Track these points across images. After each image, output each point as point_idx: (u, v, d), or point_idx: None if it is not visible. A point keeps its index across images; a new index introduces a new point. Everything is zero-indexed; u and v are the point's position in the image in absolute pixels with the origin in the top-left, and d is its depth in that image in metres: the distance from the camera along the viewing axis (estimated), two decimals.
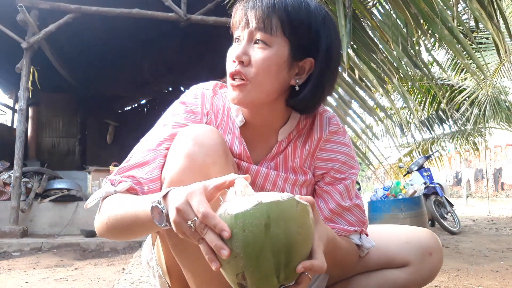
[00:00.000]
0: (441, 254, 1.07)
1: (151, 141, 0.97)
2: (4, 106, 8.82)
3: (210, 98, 1.03)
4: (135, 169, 0.93)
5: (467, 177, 15.28)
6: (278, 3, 0.90)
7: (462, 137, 8.27)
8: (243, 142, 1.01)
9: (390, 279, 1.05)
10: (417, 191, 5.02)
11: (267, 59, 0.91)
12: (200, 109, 1.02)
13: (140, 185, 0.91)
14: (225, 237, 0.65)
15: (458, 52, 2.38)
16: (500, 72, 6.50)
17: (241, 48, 0.91)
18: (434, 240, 1.08)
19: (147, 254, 1.11)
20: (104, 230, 0.90)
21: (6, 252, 3.93)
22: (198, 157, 0.84)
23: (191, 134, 0.88)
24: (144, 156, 0.94)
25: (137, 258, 3.13)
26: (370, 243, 1.05)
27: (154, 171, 0.92)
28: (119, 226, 0.86)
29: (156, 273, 1.06)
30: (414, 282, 1.05)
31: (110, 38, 6.55)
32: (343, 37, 2.17)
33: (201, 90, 1.05)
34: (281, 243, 0.66)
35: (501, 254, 3.35)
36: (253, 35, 0.91)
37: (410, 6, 2.24)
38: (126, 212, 0.84)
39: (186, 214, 0.67)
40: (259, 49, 0.91)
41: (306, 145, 1.05)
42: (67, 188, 5.29)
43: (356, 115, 3.25)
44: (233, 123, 1.02)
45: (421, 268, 1.04)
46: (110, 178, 0.94)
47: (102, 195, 0.92)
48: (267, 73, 0.91)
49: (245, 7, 0.92)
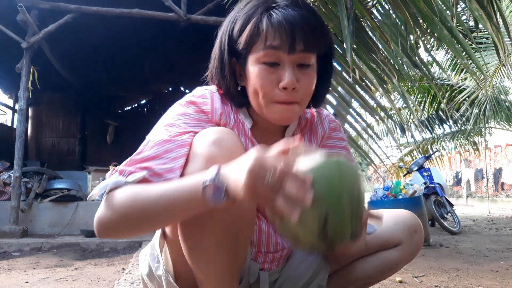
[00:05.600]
0: (422, 230, 1.15)
1: (164, 135, 0.90)
2: (4, 106, 8.82)
3: (219, 100, 0.99)
4: (150, 161, 0.86)
5: (467, 177, 15.29)
6: (310, 18, 0.89)
7: (462, 137, 8.27)
8: (256, 144, 1.01)
9: (387, 259, 1.11)
10: (417, 191, 5.02)
11: (313, 80, 0.94)
12: (210, 109, 0.97)
13: (157, 176, 0.85)
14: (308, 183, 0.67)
15: (457, 52, 2.38)
16: (500, 72, 6.50)
17: (293, 76, 0.89)
18: (415, 219, 1.15)
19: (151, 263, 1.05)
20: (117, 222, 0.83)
21: (6, 252, 3.93)
22: (220, 159, 0.81)
23: (212, 136, 0.85)
24: (159, 148, 0.88)
25: (137, 258, 3.13)
26: (372, 228, 1.07)
27: (177, 160, 0.86)
28: (148, 212, 0.80)
29: (164, 281, 1.01)
30: (404, 259, 1.13)
31: (110, 38, 6.55)
32: (347, 37, 2.17)
33: (209, 91, 1.00)
34: (353, 191, 0.72)
35: (501, 254, 3.35)
36: (300, 58, 0.90)
37: (410, 6, 2.24)
38: (161, 195, 0.79)
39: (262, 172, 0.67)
40: (306, 72, 0.91)
41: (312, 143, 1.08)
42: (67, 188, 5.29)
43: (356, 113, 3.25)
44: (243, 125, 1.01)
45: (410, 245, 1.12)
46: (119, 168, 0.87)
47: (110, 186, 0.84)
48: (311, 92, 0.95)
49: (286, 24, 0.87)
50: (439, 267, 2.73)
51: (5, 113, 9.96)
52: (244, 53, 0.92)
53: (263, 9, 0.90)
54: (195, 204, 0.76)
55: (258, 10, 0.90)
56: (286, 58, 0.89)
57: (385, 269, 1.13)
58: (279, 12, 0.88)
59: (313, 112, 1.10)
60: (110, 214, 0.83)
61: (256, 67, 0.90)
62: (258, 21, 0.89)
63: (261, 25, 0.89)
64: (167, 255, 1.01)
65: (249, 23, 0.90)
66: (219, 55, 0.97)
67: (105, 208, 0.84)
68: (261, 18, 0.89)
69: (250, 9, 0.92)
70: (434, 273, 2.55)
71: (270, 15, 0.88)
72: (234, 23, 0.94)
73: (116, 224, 0.83)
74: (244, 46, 0.91)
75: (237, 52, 0.94)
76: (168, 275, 1.00)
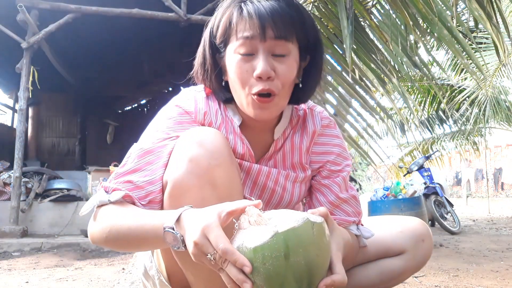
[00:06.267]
0: (432, 240, 1.13)
1: (147, 145, 0.93)
2: (4, 106, 8.83)
3: (204, 99, 1.01)
4: (132, 174, 0.90)
5: (467, 177, 15.28)
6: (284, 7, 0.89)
7: (462, 137, 8.27)
8: (246, 141, 1.01)
9: (388, 267, 1.09)
10: (417, 191, 5.02)
11: (290, 69, 0.91)
12: (194, 109, 0.99)
13: (139, 189, 0.88)
14: (246, 272, 0.66)
15: (457, 52, 2.38)
16: (500, 72, 6.50)
17: (266, 64, 0.87)
18: (425, 228, 1.13)
19: (145, 263, 1.09)
20: (102, 240, 0.88)
21: (6, 252, 3.93)
22: (203, 160, 0.83)
23: (195, 137, 0.86)
24: (140, 160, 0.91)
25: (137, 258, 3.13)
26: (369, 232, 1.07)
27: (156, 171, 0.89)
28: (122, 241, 0.85)
29: (157, 281, 1.03)
30: (410, 268, 1.11)
31: (110, 38, 6.55)
32: (346, 37, 2.17)
33: (193, 92, 1.03)
34: (302, 269, 0.68)
35: (501, 254, 3.35)
36: (274, 46, 0.88)
37: (409, 6, 2.24)
38: (132, 228, 0.82)
39: (204, 247, 0.68)
40: (282, 60, 0.90)
41: (303, 141, 1.06)
42: (67, 188, 5.29)
43: (357, 113, 3.25)
44: (232, 123, 1.01)
45: (416, 254, 1.10)
46: (104, 185, 0.91)
47: (96, 204, 0.89)
48: (291, 83, 0.93)
49: (255, 14, 0.87)
50: (439, 267, 2.73)
51: (5, 113, 9.98)
52: (222, 47, 0.94)
53: (237, 2, 0.92)
54: (160, 243, 0.79)
55: (232, 4, 0.92)
56: (260, 47, 0.88)
57: (387, 278, 1.10)
58: (250, 3, 0.90)
59: (306, 109, 1.09)
60: (96, 231, 0.89)
61: (232, 58, 0.91)
62: (231, 14, 0.91)
63: (233, 16, 0.91)
64: (159, 256, 1.02)
65: (223, 17, 0.92)
66: (202, 51, 0.99)
67: (93, 223, 0.90)
68: (233, 10, 0.91)
69: (227, 5, 0.94)
70: (434, 273, 2.55)
71: (241, 8, 0.90)
72: (214, 19, 0.96)
73: (102, 241, 0.89)
74: (221, 39, 0.93)
75: (217, 47, 0.95)
76: (160, 275, 1.02)
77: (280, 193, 1.04)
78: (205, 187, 0.83)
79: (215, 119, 1.00)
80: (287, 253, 0.66)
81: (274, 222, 0.70)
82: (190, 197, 0.81)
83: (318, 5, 2.91)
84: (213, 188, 0.83)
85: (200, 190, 0.82)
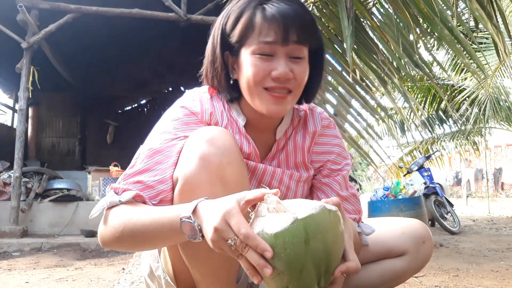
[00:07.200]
0: (432, 242, 1.15)
1: (155, 145, 0.93)
2: (4, 106, 8.82)
3: (208, 100, 1.02)
4: (141, 174, 0.90)
5: (467, 177, 15.27)
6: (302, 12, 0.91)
7: (462, 137, 8.27)
8: (251, 141, 1.02)
9: (390, 268, 1.11)
10: (417, 191, 5.02)
11: (305, 71, 0.94)
12: (200, 110, 0.99)
13: (149, 189, 0.89)
14: (268, 257, 0.67)
15: (458, 52, 2.38)
16: (500, 72, 6.50)
17: (286, 66, 0.90)
18: (426, 230, 1.15)
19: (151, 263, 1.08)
20: (115, 240, 0.87)
21: (6, 252, 3.93)
22: (214, 158, 0.84)
23: (205, 136, 0.87)
24: (150, 160, 0.91)
25: (137, 258, 3.13)
26: (370, 228, 1.08)
27: (166, 170, 0.90)
28: (136, 237, 0.84)
29: (163, 281, 1.03)
30: (410, 269, 1.12)
31: (110, 38, 6.55)
32: (347, 38, 2.17)
33: (198, 93, 1.03)
34: (320, 255, 0.70)
35: (501, 254, 3.35)
36: (293, 50, 0.91)
37: (410, 6, 2.24)
38: (146, 224, 0.82)
39: (225, 233, 0.68)
40: (299, 62, 0.92)
41: (305, 141, 1.08)
42: (67, 188, 5.29)
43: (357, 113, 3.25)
44: (237, 123, 1.02)
45: (417, 256, 1.11)
46: (114, 186, 0.91)
47: (106, 205, 0.89)
48: (304, 83, 0.95)
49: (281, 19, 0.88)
50: (439, 267, 2.73)
51: (5, 113, 9.98)
52: (237, 46, 0.94)
53: (256, 3, 0.92)
54: (177, 237, 0.79)
55: (251, 4, 0.92)
56: (280, 50, 0.90)
57: (389, 278, 1.12)
58: (272, 5, 0.90)
59: (307, 109, 1.11)
60: (108, 232, 0.88)
61: (249, 57, 0.91)
62: (252, 14, 0.91)
63: (254, 18, 0.91)
64: (166, 256, 1.02)
65: (242, 17, 0.92)
66: (211, 49, 0.99)
67: (103, 226, 0.90)
68: (255, 11, 0.91)
69: (243, 4, 0.94)
70: (434, 273, 2.55)
71: (264, 9, 0.90)
72: (227, 17, 0.96)
73: (114, 242, 0.88)
74: (238, 39, 0.93)
75: (230, 46, 0.95)
76: (166, 275, 1.02)
77: (284, 192, 1.06)
78: (216, 184, 0.84)
79: (221, 120, 1.01)
80: (307, 239, 0.68)
81: (293, 210, 0.71)
82: (201, 193, 0.81)
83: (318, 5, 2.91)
84: (223, 185, 0.84)
85: (211, 186, 0.83)
